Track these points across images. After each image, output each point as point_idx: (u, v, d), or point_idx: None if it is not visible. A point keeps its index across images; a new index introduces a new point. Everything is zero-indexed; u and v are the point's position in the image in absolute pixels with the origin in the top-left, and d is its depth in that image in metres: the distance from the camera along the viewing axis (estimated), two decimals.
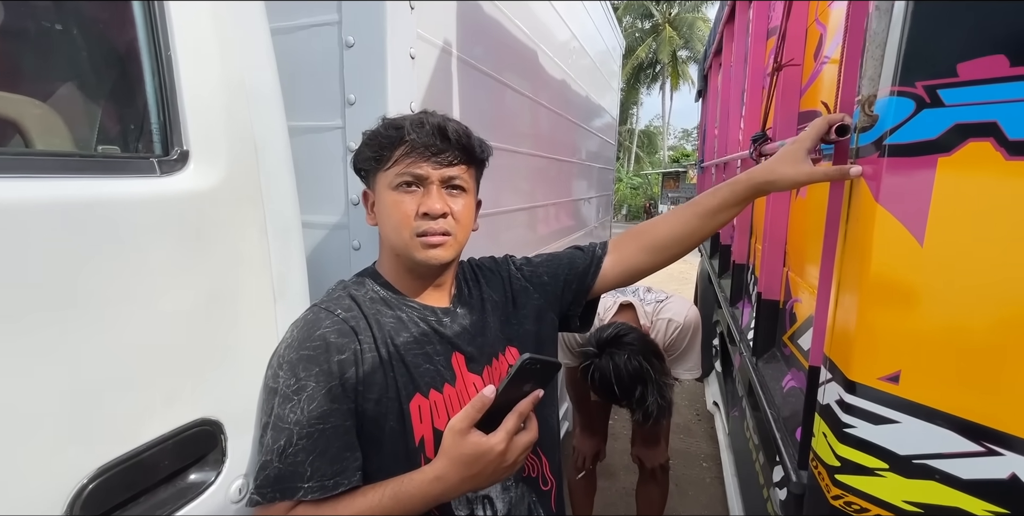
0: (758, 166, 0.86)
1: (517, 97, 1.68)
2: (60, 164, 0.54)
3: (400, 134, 0.75)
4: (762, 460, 1.48)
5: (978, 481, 0.65)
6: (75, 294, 0.52)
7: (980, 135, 0.60)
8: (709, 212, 0.89)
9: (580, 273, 0.94)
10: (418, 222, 0.75)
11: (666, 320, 1.71)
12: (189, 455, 0.65)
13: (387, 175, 0.76)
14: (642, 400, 1.41)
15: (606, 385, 1.44)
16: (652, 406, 1.41)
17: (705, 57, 4.07)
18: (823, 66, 1.18)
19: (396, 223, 0.76)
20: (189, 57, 0.64)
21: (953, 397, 0.66)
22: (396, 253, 0.80)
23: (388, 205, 0.76)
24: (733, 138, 2.58)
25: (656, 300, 1.79)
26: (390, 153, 0.75)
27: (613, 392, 1.44)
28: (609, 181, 4.06)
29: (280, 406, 0.69)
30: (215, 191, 0.66)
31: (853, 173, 0.73)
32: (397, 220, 0.76)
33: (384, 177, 0.77)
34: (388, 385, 0.74)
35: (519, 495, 0.85)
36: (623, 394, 1.44)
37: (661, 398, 1.42)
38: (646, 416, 1.43)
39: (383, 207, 0.78)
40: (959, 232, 0.63)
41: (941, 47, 0.61)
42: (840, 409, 0.74)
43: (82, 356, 0.53)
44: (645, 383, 1.41)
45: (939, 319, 0.66)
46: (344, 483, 0.69)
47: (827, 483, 0.77)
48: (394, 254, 0.80)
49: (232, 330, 0.70)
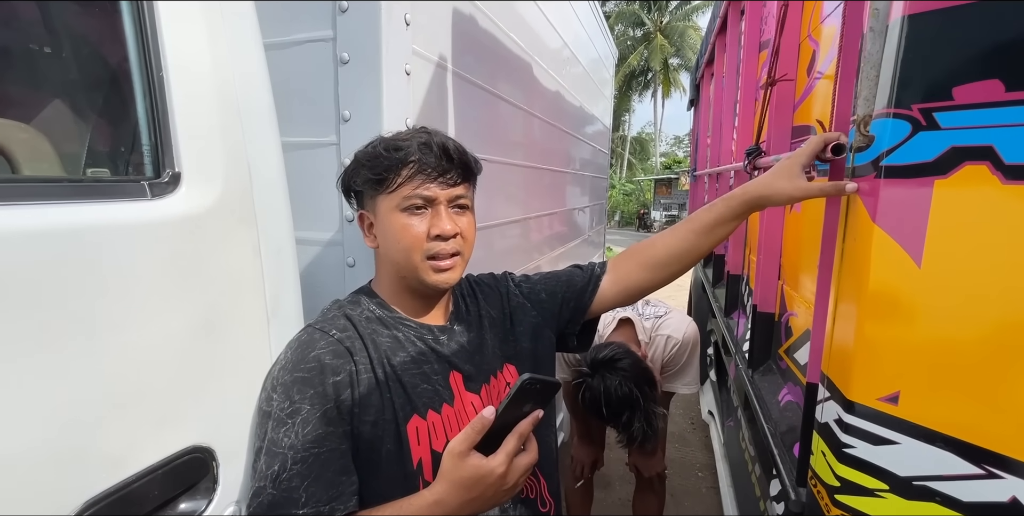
0: (753, 181, 0.86)
1: (511, 108, 1.68)
2: (48, 190, 0.52)
3: (405, 156, 0.74)
4: (758, 472, 1.48)
5: (978, 504, 0.65)
6: (64, 321, 0.50)
7: (977, 158, 0.60)
8: (706, 228, 0.89)
9: (578, 291, 0.94)
10: (429, 244, 0.75)
11: (665, 336, 1.72)
12: (180, 483, 0.63)
13: (392, 197, 0.75)
14: (628, 424, 1.43)
15: (595, 405, 1.46)
16: (637, 432, 1.43)
17: (697, 66, 4.11)
18: (816, 82, 1.19)
19: (407, 246, 0.75)
20: (181, 76, 0.63)
21: (952, 419, 0.66)
22: (401, 275, 0.79)
23: (397, 228, 0.75)
24: (726, 149, 2.59)
25: (655, 315, 1.78)
26: (394, 175, 0.74)
27: (601, 413, 1.46)
28: (603, 189, 4.07)
29: (274, 430, 0.67)
30: (208, 213, 0.65)
31: (849, 189, 0.74)
32: (408, 243, 0.75)
33: (389, 199, 0.75)
34: (385, 407, 0.72)
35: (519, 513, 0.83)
36: (610, 416, 1.46)
37: (648, 426, 1.43)
38: (630, 439, 1.45)
39: (390, 229, 0.76)
40: (957, 254, 0.63)
41: (936, 70, 0.62)
42: (839, 429, 0.74)
43: (71, 383, 0.51)
44: (633, 409, 1.42)
45: (938, 340, 0.66)
46: (340, 509, 0.67)
47: (827, 503, 0.76)
48: (398, 276, 0.79)
49: (224, 353, 0.68)
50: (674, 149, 37.04)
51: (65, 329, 0.51)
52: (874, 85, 0.68)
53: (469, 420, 0.68)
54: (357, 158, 0.78)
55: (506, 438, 0.67)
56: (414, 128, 0.81)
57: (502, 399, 0.66)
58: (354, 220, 0.82)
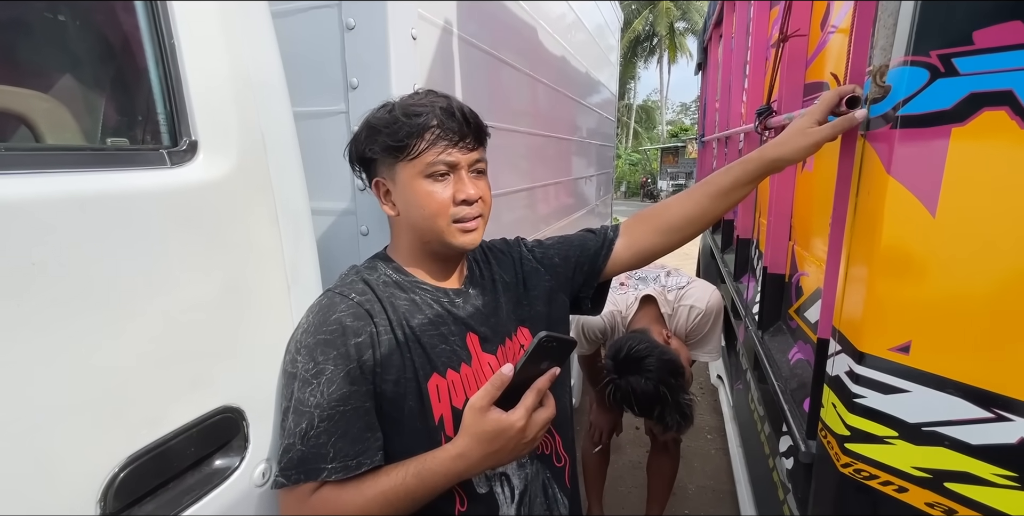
0: (770, 142, 0.85)
1: (516, 74, 1.65)
2: (71, 158, 0.53)
3: (426, 122, 0.73)
4: (767, 430, 1.51)
5: (987, 446, 0.66)
6: (95, 287, 0.52)
7: (996, 104, 0.59)
8: (722, 192, 0.88)
9: (591, 255, 0.95)
10: (455, 209, 0.76)
11: (688, 307, 1.72)
12: (214, 442, 0.66)
13: (414, 164, 0.74)
14: (661, 417, 1.48)
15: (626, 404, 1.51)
16: (672, 422, 1.47)
17: (705, 29, 3.99)
18: (830, 36, 1.16)
19: (433, 212, 0.76)
20: (193, 45, 0.63)
21: (963, 366, 0.67)
22: (425, 240, 0.80)
23: (421, 195, 0.75)
24: (736, 112, 2.54)
25: (677, 286, 1.78)
26: (416, 141, 0.73)
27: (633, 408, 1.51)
28: (609, 158, 4.03)
29: (300, 390, 0.70)
30: (226, 181, 0.66)
31: (859, 116, 0.74)
32: (434, 209, 0.75)
33: (411, 166, 0.75)
34: (406, 366, 0.75)
35: (534, 472, 0.86)
36: (642, 412, 1.51)
37: (680, 416, 1.47)
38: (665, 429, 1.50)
39: (414, 197, 0.76)
40: (972, 203, 0.63)
41: (956, 14, 0.60)
42: (850, 380, 0.75)
43: (105, 348, 0.53)
44: (663, 405, 1.46)
45: (951, 290, 0.67)
46: (367, 463, 0.70)
47: (836, 452, 0.79)
48: (420, 241, 0.80)
49: (248, 318, 0.70)
50: (681, 117, 36.38)
51: (97, 295, 0.52)
52: (891, 33, 0.67)
53: (486, 379, 0.70)
54: (371, 124, 0.77)
55: (525, 394, 0.69)
56: (423, 91, 0.79)
57: (519, 358, 0.68)
58: (366, 189, 0.83)
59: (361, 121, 0.79)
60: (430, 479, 0.69)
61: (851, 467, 0.77)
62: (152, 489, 0.59)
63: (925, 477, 0.71)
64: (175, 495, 0.61)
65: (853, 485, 0.77)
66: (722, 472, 2.54)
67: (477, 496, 0.79)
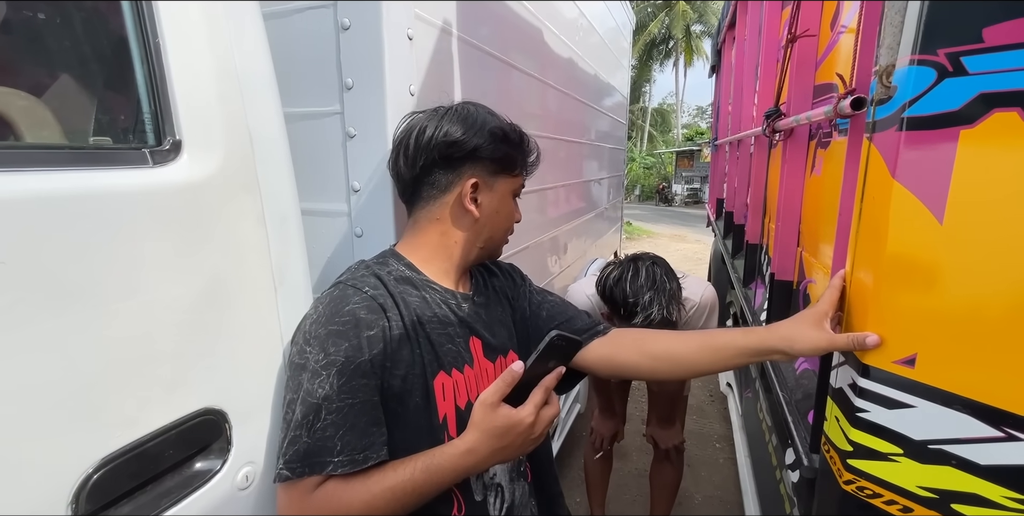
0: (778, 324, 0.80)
1: (523, 77, 1.64)
2: (50, 157, 0.53)
3: (534, 148, 0.86)
4: (774, 442, 1.47)
5: (997, 467, 0.63)
6: (72, 286, 0.51)
7: (1007, 104, 0.56)
8: (712, 346, 0.83)
9: (572, 331, 0.89)
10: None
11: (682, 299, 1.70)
12: (194, 444, 0.65)
13: (512, 182, 0.85)
14: (649, 304, 1.42)
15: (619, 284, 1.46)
16: (656, 314, 1.41)
17: (719, 31, 3.95)
18: (840, 36, 1.13)
19: (508, 227, 0.89)
20: (178, 44, 0.62)
21: (972, 381, 0.63)
22: (480, 246, 0.85)
23: (508, 211, 0.87)
24: (747, 114, 2.50)
25: None
26: (525, 161, 0.85)
27: (624, 292, 1.44)
28: (620, 161, 4.00)
29: (309, 381, 0.69)
30: (210, 180, 0.65)
31: (870, 342, 0.67)
32: (509, 226, 0.89)
33: (509, 183, 0.85)
34: (414, 361, 0.74)
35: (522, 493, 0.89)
36: (633, 293, 1.43)
37: (667, 311, 1.43)
38: (646, 320, 1.42)
39: (503, 210, 0.85)
40: (981, 209, 0.60)
41: (966, 10, 0.57)
42: (853, 393, 0.72)
43: (81, 348, 0.53)
44: (656, 291, 1.43)
45: (958, 300, 0.63)
46: (373, 457, 0.69)
47: (839, 467, 0.75)
48: (473, 246, 0.85)
49: (232, 319, 0.69)
50: (696, 120, 36.05)
51: (72, 294, 0.52)
52: (898, 31, 0.64)
53: (488, 383, 0.70)
54: (495, 133, 0.79)
55: (533, 391, 0.70)
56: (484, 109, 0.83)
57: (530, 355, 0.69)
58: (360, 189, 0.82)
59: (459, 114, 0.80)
60: (438, 474, 0.68)
61: (854, 484, 0.74)
62: (128, 491, 0.58)
63: (931, 498, 0.68)
64: (153, 498, 0.60)
65: (856, 503, 0.74)
66: (730, 482, 2.49)
67: (474, 503, 0.80)
